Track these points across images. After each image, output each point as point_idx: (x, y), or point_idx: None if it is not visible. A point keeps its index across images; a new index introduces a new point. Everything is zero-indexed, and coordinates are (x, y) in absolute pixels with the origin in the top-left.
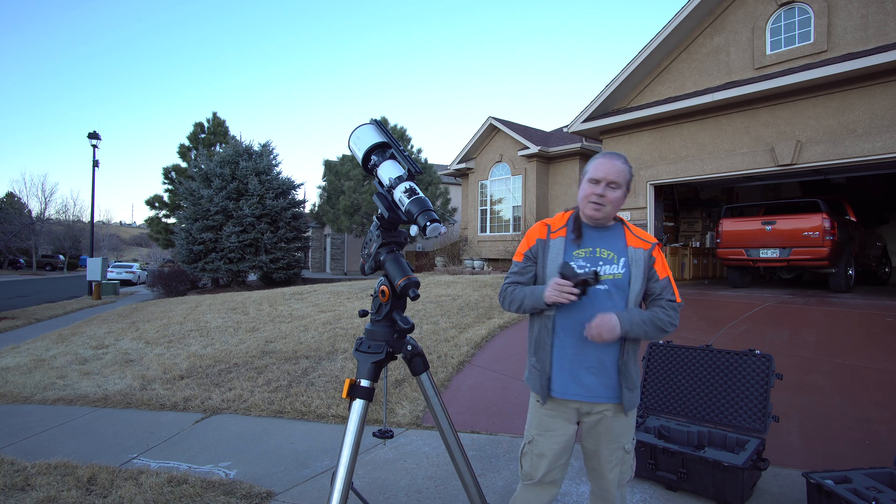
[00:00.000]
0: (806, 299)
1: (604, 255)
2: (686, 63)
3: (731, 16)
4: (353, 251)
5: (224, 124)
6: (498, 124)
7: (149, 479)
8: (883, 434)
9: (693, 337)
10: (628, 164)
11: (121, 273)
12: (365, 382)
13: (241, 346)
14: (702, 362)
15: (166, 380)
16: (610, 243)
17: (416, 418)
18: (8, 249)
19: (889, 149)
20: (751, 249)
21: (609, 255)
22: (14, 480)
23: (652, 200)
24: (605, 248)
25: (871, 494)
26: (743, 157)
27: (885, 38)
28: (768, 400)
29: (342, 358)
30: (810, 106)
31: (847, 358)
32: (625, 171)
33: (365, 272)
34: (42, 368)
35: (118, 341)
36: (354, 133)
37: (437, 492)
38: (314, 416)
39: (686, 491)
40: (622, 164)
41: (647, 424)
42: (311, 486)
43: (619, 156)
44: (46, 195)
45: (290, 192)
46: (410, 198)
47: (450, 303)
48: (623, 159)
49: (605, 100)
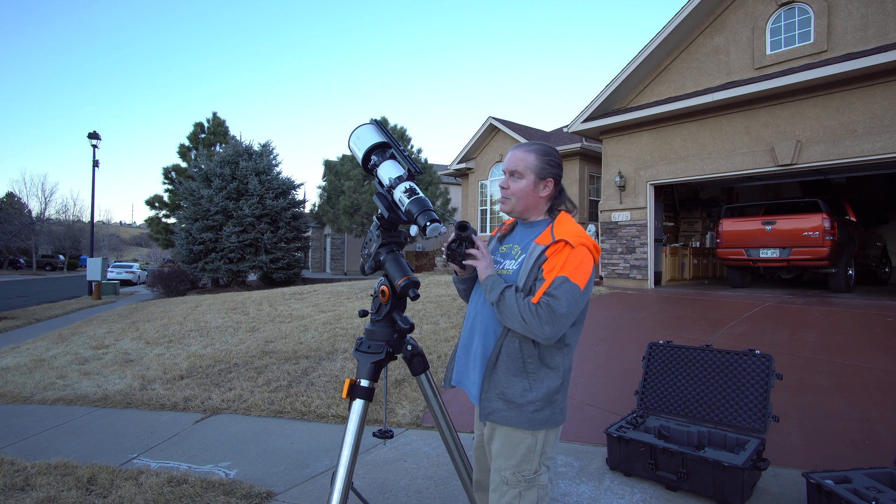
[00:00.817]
0: (806, 299)
1: (512, 252)
2: (686, 63)
3: (731, 16)
4: (353, 251)
5: (224, 124)
6: (498, 124)
7: (149, 479)
8: (883, 434)
9: (693, 337)
10: (541, 152)
11: (121, 273)
12: (365, 382)
13: (241, 346)
14: (702, 362)
15: (166, 380)
16: (525, 239)
17: (416, 418)
18: (8, 249)
19: (889, 149)
20: (751, 249)
21: (516, 250)
22: (14, 480)
23: (652, 200)
24: (518, 244)
25: (871, 494)
26: (743, 157)
27: (885, 38)
28: (768, 400)
29: (342, 358)
30: (810, 106)
31: (847, 358)
32: (527, 158)
33: (365, 272)
34: (42, 368)
35: (118, 341)
36: (354, 133)
37: (437, 492)
38: (314, 416)
39: (686, 491)
40: (524, 152)
41: (647, 424)
42: (311, 486)
43: (529, 144)
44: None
45: (290, 192)
46: (410, 198)
47: (450, 303)
48: (532, 147)
49: (605, 100)
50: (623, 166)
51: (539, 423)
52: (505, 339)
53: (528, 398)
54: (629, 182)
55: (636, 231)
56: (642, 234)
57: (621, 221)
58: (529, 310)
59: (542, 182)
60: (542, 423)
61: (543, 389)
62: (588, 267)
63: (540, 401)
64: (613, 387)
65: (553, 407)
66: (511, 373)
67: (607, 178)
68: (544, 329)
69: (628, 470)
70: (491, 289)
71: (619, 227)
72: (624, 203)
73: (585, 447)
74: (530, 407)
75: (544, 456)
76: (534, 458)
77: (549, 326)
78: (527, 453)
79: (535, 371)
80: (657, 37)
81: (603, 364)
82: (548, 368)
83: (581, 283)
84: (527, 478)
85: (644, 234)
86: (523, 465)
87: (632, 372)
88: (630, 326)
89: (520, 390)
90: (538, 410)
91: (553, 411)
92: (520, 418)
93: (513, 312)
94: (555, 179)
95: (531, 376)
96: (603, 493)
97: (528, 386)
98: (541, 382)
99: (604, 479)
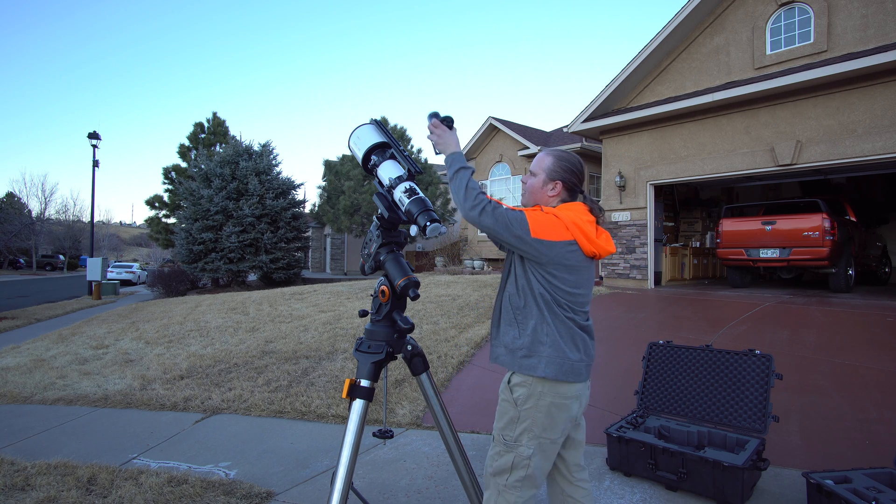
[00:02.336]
0: (806, 299)
1: None
2: (686, 63)
3: (731, 16)
4: (353, 251)
5: (224, 124)
6: (498, 124)
7: (149, 479)
8: (883, 434)
9: (693, 337)
10: (558, 157)
11: (121, 273)
12: (365, 382)
13: (241, 346)
14: (702, 362)
15: (166, 380)
16: None
17: (416, 418)
18: (8, 249)
19: (889, 149)
20: (751, 249)
21: None
22: (14, 480)
23: (652, 200)
24: None
25: (871, 494)
26: (743, 157)
27: (885, 38)
28: (768, 400)
29: (342, 358)
30: (810, 106)
31: (847, 358)
32: (544, 160)
33: (365, 272)
34: (42, 368)
35: (118, 341)
36: (354, 133)
37: (437, 492)
38: (314, 416)
39: (686, 491)
40: (545, 154)
41: (647, 424)
42: (311, 486)
43: (554, 150)
44: (46, 195)
45: (290, 192)
46: (410, 198)
47: (450, 303)
48: (554, 152)
49: (605, 100)
50: (623, 166)
51: (526, 368)
52: (502, 297)
53: (517, 344)
54: (629, 182)
55: (636, 231)
56: (642, 234)
57: (621, 221)
58: (471, 190)
59: (552, 182)
60: (529, 368)
61: (528, 338)
62: (547, 223)
63: (526, 348)
64: (613, 387)
65: (538, 357)
66: (507, 323)
67: (607, 178)
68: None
69: (628, 470)
70: (451, 164)
71: (619, 227)
72: (624, 203)
73: (585, 447)
74: (519, 352)
75: (530, 433)
76: (516, 427)
77: (474, 210)
78: (510, 421)
79: (523, 321)
80: (657, 37)
81: (603, 364)
82: (529, 321)
83: (530, 220)
84: (507, 442)
85: (644, 234)
86: (506, 430)
87: (632, 372)
88: (630, 326)
89: (511, 338)
90: (526, 357)
91: (539, 360)
92: (513, 362)
93: (459, 186)
94: (564, 183)
95: (520, 326)
96: (603, 493)
97: (518, 334)
98: (526, 333)
99: (604, 479)
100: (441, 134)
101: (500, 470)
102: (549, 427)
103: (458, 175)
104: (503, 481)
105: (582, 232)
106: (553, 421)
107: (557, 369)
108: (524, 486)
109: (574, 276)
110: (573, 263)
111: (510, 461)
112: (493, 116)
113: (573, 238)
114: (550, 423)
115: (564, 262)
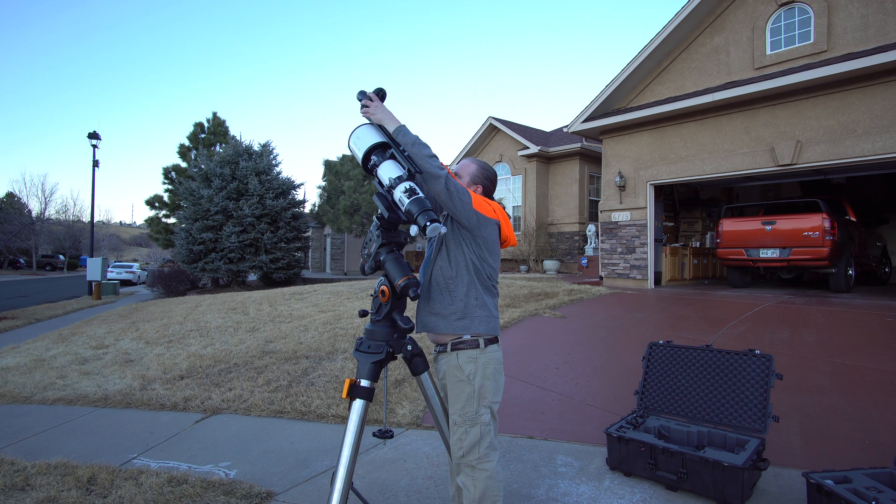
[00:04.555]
0: (806, 299)
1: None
2: (686, 63)
3: (731, 16)
4: (353, 251)
5: (224, 124)
6: (498, 124)
7: (149, 479)
8: (883, 434)
9: (693, 337)
10: (480, 166)
11: (121, 273)
12: (365, 382)
13: (241, 346)
14: (702, 362)
15: (166, 380)
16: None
17: (416, 418)
18: (8, 249)
19: (889, 149)
20: (751, 249)
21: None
22: (14, 480)
23: (652, 200)
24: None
25: (871, 494)
26: (743, 157)
27: (885, 38)
28: (768, 400)
29: (342, 358)
30: (810, 106)
31: (847, 358)
32: (469, 167)
33: (365, 272)
34: (42, 368)
35: (118, 341)
36: (354, 133)
37: (437, 492)
38: (314, 416)
39: (686, 491)
40: (469, 161)
41: (647, 424)
42: (311, 486)
43: (476, 160)
44: (46, 195)
45: (290, 192)
46: (410, 198)
47: None
48: (477, 161)
49: (605, 100)
50: (623, 166)
51: (460, 329)
52: (431, 270)
53: (449, 310)
54: (629, 182)
55: (636, 231)
56: (642, 234)
57: (621, 221)
58: (435, 157)
59: (475, 185)
60: (462, 328)
61: (461, 303)
62: (481, 202)
63: (459, 311)
64: (613, 387)
65: (471, 318)
66: (438, 292)
67: (607, 178)
68: (435, 173)
69: (628, 470)
70: (404, 135)
71: (619, 227)
72: (624, 203)
73: (585, 447)
74: (452, 316)
75: (484, 401)
76: (474, 401)
77: (440, 179)
78: (468, 398)
79: (455, 289)
80: (657, 37)
81: (603, 364)
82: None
83: (472, 195)
84: (470, 418)
85: (644, 234)
86: (466, 407)
87: (632, 372)
88: (630, 326)
89: (443, 304)
90: (459, 319)
91: (472, 320)
92: (446, 325)
93: (425, 154)
94: (483, 188)
95: (452, 293)
96: (603, 493)
97: (451, 300)
98: (459, 298)
99: (604, 479)
100: (377, 107)
101: (471, 446)
102: (495, 391)
103: (418, 144)
104: (475, 456)
105: (503, 217)
106: (497, 384)
107: (488, 326)
108: (491, 452)
109: (494, 251)
110: (495, 240)
111: (478, 433)
112: (493, 116)
113: (497, 220)
114: (495, 386)
115: (491, 236)
